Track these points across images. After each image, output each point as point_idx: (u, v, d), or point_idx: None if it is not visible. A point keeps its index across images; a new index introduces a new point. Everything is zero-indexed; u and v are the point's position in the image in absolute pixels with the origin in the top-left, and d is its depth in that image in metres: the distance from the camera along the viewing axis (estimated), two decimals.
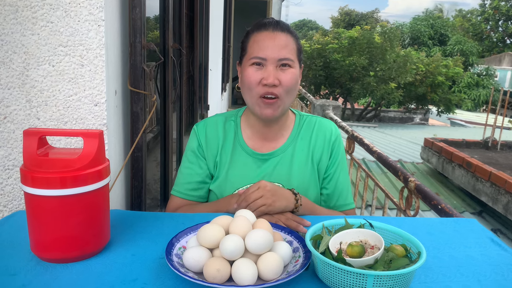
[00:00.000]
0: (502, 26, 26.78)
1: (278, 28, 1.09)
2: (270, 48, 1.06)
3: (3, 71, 1.05)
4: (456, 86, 16.55)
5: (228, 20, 6.95)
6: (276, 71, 1.07)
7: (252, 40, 1.10)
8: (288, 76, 1.08)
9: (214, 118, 1.23)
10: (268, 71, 1.06)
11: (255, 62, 1.08)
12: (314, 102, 4.85)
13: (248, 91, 1.11)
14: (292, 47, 1.09)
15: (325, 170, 1.20)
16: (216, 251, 0.78)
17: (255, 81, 1.07)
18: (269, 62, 1.07)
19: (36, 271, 0.76)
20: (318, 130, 1.21)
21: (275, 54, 1.06)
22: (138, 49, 1.21)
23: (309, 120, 1.24)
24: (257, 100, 1.09)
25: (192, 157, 1.19)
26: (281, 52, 1.07)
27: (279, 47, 1.07)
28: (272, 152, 1.18)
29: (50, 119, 1.09)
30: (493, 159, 6.48)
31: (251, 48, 1.09)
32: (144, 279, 0.74)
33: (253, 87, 1.08)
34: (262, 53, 1.07)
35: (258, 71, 1.08)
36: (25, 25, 1.04)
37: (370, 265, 0.73)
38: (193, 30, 3.02)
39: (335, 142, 1.21)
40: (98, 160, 0.79)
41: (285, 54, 1.07)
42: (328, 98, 14.21)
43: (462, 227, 1.04)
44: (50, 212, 0.76)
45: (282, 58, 1.07)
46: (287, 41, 1.08)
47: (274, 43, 1.07)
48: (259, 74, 1.07)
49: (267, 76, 1.06)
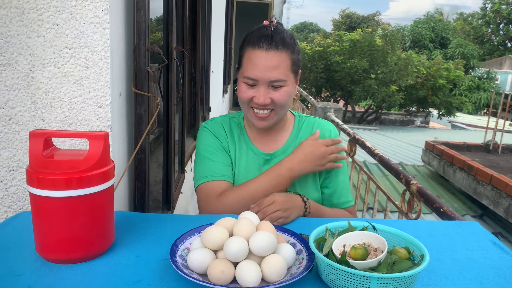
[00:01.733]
0: (503, 30, 26.80)
1: (272, 46, 1.08)
2: (262, 70, 1.08)
3: (8, 73, 1.06)
4: (457, 89, 16.57)
5: (230, 22, 6.97)
6: (268, 90, 1.10)
7: (247, 56, 1.11)
8: (280, 94, 1.11)
9: (218, 118, 1.28)
10: (259, 92, 1.10)
11: (247, 82, 1.11)
12: (315, 104, 4.85)
13: (241, 103, 1.16)
14: (285, 65, 1.10)
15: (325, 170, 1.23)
16: (220, 253, 0.78)
17: (247, 98, 1.12)
18: (260, 83, 1.10)
19: (41, 271, 0.77)
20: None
21: (266, 76, 1.08)
22: (142, 51, 1.22)
23: (308, 121, 1.28)
24: (250, 112, 1.15)
25: (211, 149, 1.20)
26: (272, 73, 1.08)
27: (271, 68, 1.08)
28: (273, 153, 1.23)
29: (55, 121, 1.10)
30: (494, 162, 6.48)
31: (245, 65, 1.12)
32: (148, 280, 0.75)
33: (245, 102, 1.14)
34: (253, 74, 1.09)
35: (250, 89, 1.12)
36: (30, 27, 1.04)
37: (374, 268, 0.73)
38: (195, 32, 3.03)
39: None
40: (104, 162, 0.80)
41: (276, 75, 1.09)
42: (329, 100, 14.22)
43: (464, 230, 1.04)
44: (55, 213, 0.77)
45: (273, 80, 1.09)
46: (280, 60, 1.09)
47: (266, 63, 1.08)
48: (251, 93, 1.12)
49: (258, 96, 1.10)
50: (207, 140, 1.22)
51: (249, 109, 1.15)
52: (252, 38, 1.11)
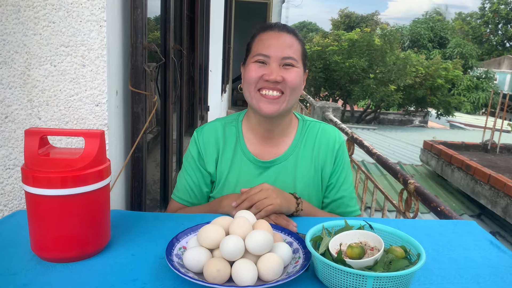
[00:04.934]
0: (501, 29, 26.83)
1: (285, 30, 1.10)
2: (274, 46, 1.06)
3: (4, 71, 1.05)
4: (456, 89, 16.59)
5: (229, 22, 6.96)
6: (279, 69, 1.06)
7: (258, 39, 1.10)
8: (292, 74, 1.07)
9: (213, 123, 1.21)
10: (271, 68, 1.06)
11: (259, 60, 1.07)
12: (314, 104, 4.85)
13: (248, 86, 1.09)
14: (297, 48, 1.09)
15: (328, 177, 1.19)
16: (216, 252, 0.78)
17: (257, 76, 1.06)
18: (272, 59, 1.06)
19: (37, 270, 0.76)
20: (321, 137, 1.19)
21: (279, 52, 1.05)
22: (139, 49, 1.21)
23: (312, 126, 1.21)
24: (256, 94, 1.08)
25: (191, 164, 1.19)
26: (285, 50, 1.06)
27: (283, 45, 1.06)
28: (274, 160, 1.16)
29: (51, 119, 1.09)
30: (492, 162, 6.49)
31: (256, 46, 1.09)
32: (144, 279, 0.75)
33: (253, 82, 1.07)
34: (266, 50, 1.06)
35: (261, 67, 1.07)
36: (27, 25, 1.04)
37: (370, 267, 0.73)
38: (193, 31, 3.02)
39: (339, 149, 1.19)
40: (99, 160, 0.80)
41: (289, 53, 1.06)
42: (328, 100, 14.21)
43: (462, 230, 1.04)
44: (51, 211, 0.77)
45: (286, 56, 1.06)
46: (293, 41, 1.09)
47: (279, 42, 1.07)
48: (261, 71, 1.06)
49: (269, 72, 1.05)
50: (191, 152, 1.19)
51: (256, 92, 1.07)
52: (263, 26, 1.12)
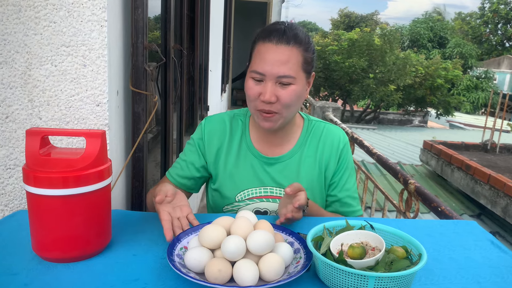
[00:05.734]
0: (501, 29, 26.83)
1: (283, 41, 1.04)
2: (270, 63, 1.03)
3: (5, 71, 1.05)
4: (455, 88, 16.59)
5: (228, 21, 6.96)
6: (275, 87, 1.05)
7: (257, 50, 1.07)
8: (287, 93, 1.05)
9: (222, 115, 1.23)
10: (266, 87, 1.04)
11: (255, 78, 1.06)
12: (314, 103, 4.85)
13: (248, 102, 1.11)
14: (295, 61, 1.05)
15: (331, 176, 1.19)
16: (218, 252, 0.78)
17: (254, 95, 1.07)
18: (267, 78, 1.04)
19: (38, 270, 0.76)
20: (326, 137, 1.20)
21: (274, 71, 1.03)
22: (140, 49, 1.21)
23: (317, 126, 1.22)
24: (256, 112, 1.10)
25: (191, 146, 1.22)
26: (280, 68, 1.03)
27: (280, 62, 1.03)
28: (278, 157, 1.18)
29: (52, 119, 1.09)
30: (492, 162, 6.50)
31: (254, 58, 1.08)
32: (145, 279, 0.75)
33: (252, 100, 1.08)
34: (261, 67, 1.04)
35: (257, 85, 1.06)
36: (28, 24, 1.04)
37: (371, 267, 0.73)
38: (193, 31, 3.02)
39: (344, 149, 1.20)
40: (101, 160, 0.80)
41: (284, 71, 1.03)
42: (328, 99, 14.21)
43: (462, 230, 1.05)
44: (52, 211, 0.77)
45: (281, 75, 1.03)
46: (290, 55, 1.04)
47: (276, 58, 1.03)
48: (258, 89, 1.06)
49: (264, 92, 1.04)
50: (194, 136, 1.22)
51: (255, 110, 1.09)
52: (264, 32, 1.08)
